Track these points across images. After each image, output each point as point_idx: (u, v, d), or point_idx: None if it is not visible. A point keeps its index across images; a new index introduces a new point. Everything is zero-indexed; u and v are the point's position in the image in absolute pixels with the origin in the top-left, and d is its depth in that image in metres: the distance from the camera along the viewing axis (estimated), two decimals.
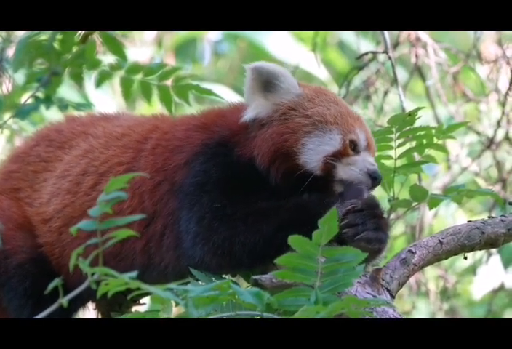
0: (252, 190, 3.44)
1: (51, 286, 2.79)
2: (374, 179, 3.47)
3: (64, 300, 2.75)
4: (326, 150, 3.46)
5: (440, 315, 6.04)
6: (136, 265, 3.54)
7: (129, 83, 3.40)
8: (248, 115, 3.54)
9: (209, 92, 3.48)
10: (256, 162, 3.48)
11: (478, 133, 5.85)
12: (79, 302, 3.70)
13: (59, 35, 3.24)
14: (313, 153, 3.46)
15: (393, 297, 3.34)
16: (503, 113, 5.71)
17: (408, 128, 3.80)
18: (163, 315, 3.29)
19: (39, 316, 2.87)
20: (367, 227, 3.32)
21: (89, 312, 3.90)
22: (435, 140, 3.86)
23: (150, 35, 7.64)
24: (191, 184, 3.48)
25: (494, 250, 5.80)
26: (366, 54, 5.52)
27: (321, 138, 3.47)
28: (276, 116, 3.51)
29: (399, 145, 3.85)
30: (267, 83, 3.52)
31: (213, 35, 7.98)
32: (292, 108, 3.52)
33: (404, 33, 5.69)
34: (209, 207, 3.43)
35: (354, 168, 3.47)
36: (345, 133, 3.49)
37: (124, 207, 3.55)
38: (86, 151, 3.78)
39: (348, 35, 7.25)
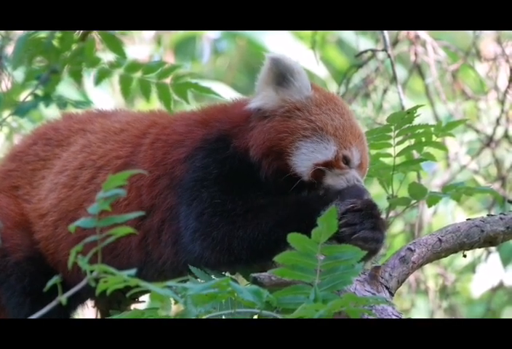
0: (251, 185, 3.44)
1: (50, 283, 2.79)
2: None
3: (63, 298, 2.75)
4: (318, 158, 3.45)
5: (439, 313, 6.04)
6: (133, 261, 3.54)
7: (128, 81, 3.39)
8: (254, 103, 3.53)
9: (208, 90, 3.46)
10: (250, 153, 3.48)
11: (477, 131, 5.86)
12: (78, 299, 3.70)
13: (58, 33, 3.24)
14: (304, 158, 3.45)
15: (392, 294, 3.35)
16: (502, 111, 5.71)
17: (407, 126, 3.81)
18: (162, 313, 3.28)
19: (38, 314, 2.86)
20: (364, 227, 3.32)
21: (88, 310, 3.90)
22: (434, 138, 3.86)
23: (149, 33, 7.63)
24: (191, 179, 3.48)
25: (493, 248, 5.79)
26: (366, 52, 5.52)
27: (316, 145, 3.46)
28: (279, 112, 3.51)
29: (398, 143, 3.86)
30: (281, 76, 3.50)
31: (212, 33, 7.96)
32: (297, 108, 3.50)
33: (403, 31, 5.69)
34: (208, 203, 3.43)
35: (343, 178, 3.47)
36: (341, 147, 3.48)
37: (120, 200, 3.54)
38: (84, 146, 3.78)
39: (347, 34, 7.24)
